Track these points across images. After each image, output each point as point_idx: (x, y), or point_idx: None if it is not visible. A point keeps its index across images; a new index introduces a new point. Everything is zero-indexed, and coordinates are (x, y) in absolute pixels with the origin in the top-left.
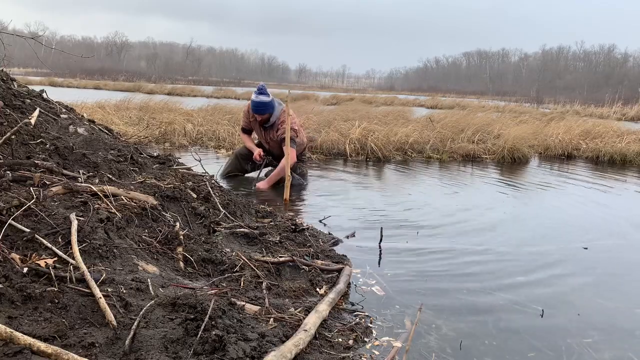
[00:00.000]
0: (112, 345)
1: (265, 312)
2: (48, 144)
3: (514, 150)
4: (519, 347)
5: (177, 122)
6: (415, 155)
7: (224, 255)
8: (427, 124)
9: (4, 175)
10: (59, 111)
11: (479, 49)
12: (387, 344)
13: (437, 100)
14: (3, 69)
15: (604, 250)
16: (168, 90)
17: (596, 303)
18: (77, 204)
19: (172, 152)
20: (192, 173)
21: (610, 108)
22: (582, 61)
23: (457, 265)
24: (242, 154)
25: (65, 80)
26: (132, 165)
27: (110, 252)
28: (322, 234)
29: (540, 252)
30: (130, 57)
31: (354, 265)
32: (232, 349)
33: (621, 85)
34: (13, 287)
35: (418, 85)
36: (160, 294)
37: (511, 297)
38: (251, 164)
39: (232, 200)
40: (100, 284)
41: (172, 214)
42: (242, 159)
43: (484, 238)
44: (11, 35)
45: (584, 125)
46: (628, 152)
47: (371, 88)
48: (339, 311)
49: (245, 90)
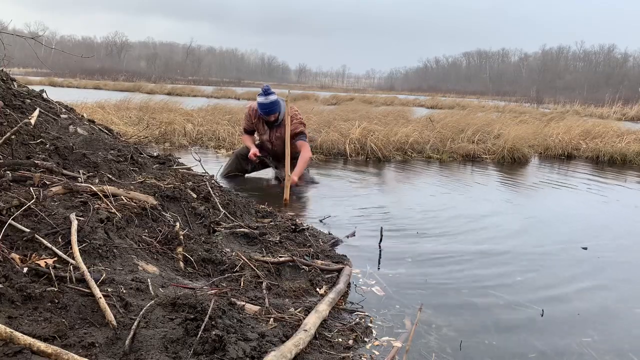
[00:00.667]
0: (112, 345)
1: (265, 312)
2: (48, 144)
3: (514, 150)
4: (519, 347)
5: (177, 122)
6: (415, 155)
7: (224, 255)
8: (427, 124)
9: (4, 175)
10: (59, 111)
11: (479, 49)
12: (387, 344)
13: (437, 100)
14: (3, 69)
15: (604, 250)
16: (168, 90)
17: (596, 303)
18: (77, 204)
19: (172, 152)
20: (192, 173)
21: (610, 108)
22: (582, 61)
23: (457, 265)
24: (242, 154)
25: (65, 80)
26: (132, 165)
27: (110, 252)
28: (322, 234)
29: (540, 252)
30: (130, 57)
31: (354, 265)
32: (232, 349)
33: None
34: (13, 287)
35: (418, 85)
36: (160, 294)
37: (511, 297)
38: (251, 165)
39: (232, 200)
40: (100, 284)
41: (172, 214)
42: (243, 159)
43: (484, 238)
44: (11, 35)
45: (584, 125)
46: (628, 152)
47: (371, 88)
48: (339, 311)
49: (245, 90)
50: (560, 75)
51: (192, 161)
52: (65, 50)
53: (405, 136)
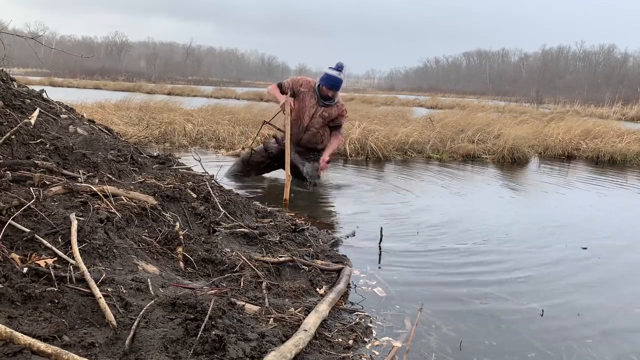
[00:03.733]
0: (112, 345)
1: (265, 312)
2: (48, 144)
3: (514, 150)
4: (519, 347)
5: (177, 122)
6: (415, 155)
7: (224, 255)
8: (427, 124)
9: (4, 175)
10: (59, 111)
11: (479, 49)
12: (387, 344)
13: (437, 100)
14: (3, 69)
15: (604, 250)
16: (168, 90)
17: (596, 303)
18: (77, 204)
19: (172, 152)
20: (192, 173)
21: (610, 108)
22: (582, 61)
23: (457, 265)
24: (248, 161)
25: (65, 80)
26: (132, 165)
27: (110, 252)
28: (322, 234)
29: (540, 252)
30: (130, 57)
31: (354, 265)
32: (232, 349)
33: (621, 85)
34: (13, 287)
35: (418, 85)
36: (160, 294)
37: (511, 297)
38: (256, 171)
39: (232, 200)
40: (100, 284)
41: (172, 214)
42: (248, 165)
43: (484, 238)
44: (11, 35)
45: (584, 125)
46: (628, 152)
47: (371, 88)
48: (339, 311)
49: (245, 90)
50: (560, 75)
51: (192, 161)
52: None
53: (406, 136)
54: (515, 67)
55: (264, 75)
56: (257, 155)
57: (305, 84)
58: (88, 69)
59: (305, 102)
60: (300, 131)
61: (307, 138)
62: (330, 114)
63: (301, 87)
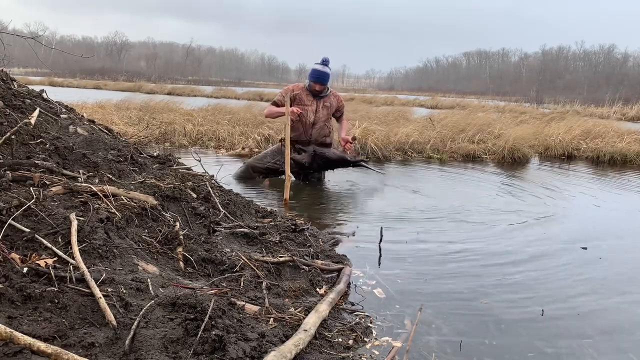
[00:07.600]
0: (112, 345)
1: (265, 312)
2: (48, 144)
3: (514, 150)
4: (519, 347)
5: (177, 122)
6: (416, 155)
7: (224, 255)
8: (428, 124)
9: (4, 175)
10: (59, 111)
11: (479, 49)
12: (387, 344)
13: (437, 100)
14: (3, 69)
15: (604, 250)
16: (168, 90)
17: (596, 303)
18: (77, 204)
19: (172, 152)
20: (192, 173)
21: (610, 108)
22: (582, 61)
23: (457, 265)
24: (254, 167)
25: (65, 80)
26: (132, 165)
27: (110, 252)
28: (322, 234)
29: (540, 251)
30: (130, 57)
31: (354, 265)
32: (232, 349)
33: (621, 85)
34: (13, 287)
35: (418, 85)
36: (160, 294)
37: (511, 297)
38: (262, 176)
39: (232, 200)
40: (100, 284)
41: (172, 214)
42: (254, 171)
43: (484, 238)
44: (11, 35)
45: (584, 125)
46: (628, 152)
47: (371, 88)
48: (339, 311)
49: (245, 90)
50: (561, 75)
51: (192, 161)
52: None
53: (406, 136)
54: (515, 67)
55: (264, 75)
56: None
57: (296, 87)
58: (88, 69)
59: (304, 101)
60: (308, 128)
61: (316, 133)
62: (331, 104)
63: (294, 91)
